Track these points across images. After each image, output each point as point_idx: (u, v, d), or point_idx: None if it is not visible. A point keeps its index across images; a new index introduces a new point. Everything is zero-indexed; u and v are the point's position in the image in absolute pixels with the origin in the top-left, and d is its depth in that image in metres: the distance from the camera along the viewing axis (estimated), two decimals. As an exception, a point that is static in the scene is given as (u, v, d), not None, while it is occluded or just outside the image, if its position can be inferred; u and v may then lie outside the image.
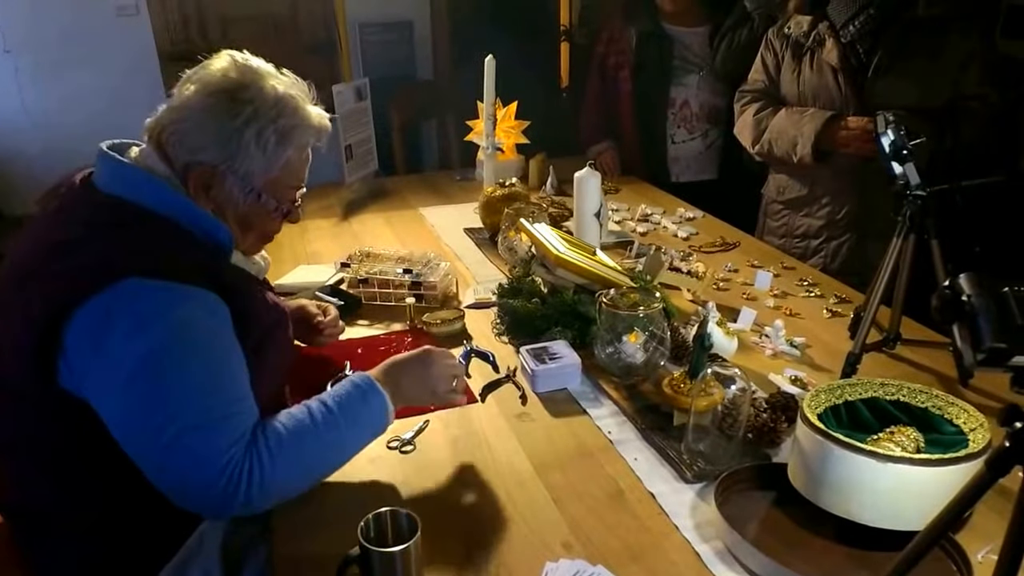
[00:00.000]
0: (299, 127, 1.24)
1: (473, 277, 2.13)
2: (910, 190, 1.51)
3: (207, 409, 1.07)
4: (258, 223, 1.29)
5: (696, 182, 3.06)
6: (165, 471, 1.07)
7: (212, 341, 1.12)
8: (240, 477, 1.06)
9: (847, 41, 2.23)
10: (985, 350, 0.80)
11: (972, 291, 0.83)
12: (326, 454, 1.18)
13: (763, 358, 1.70)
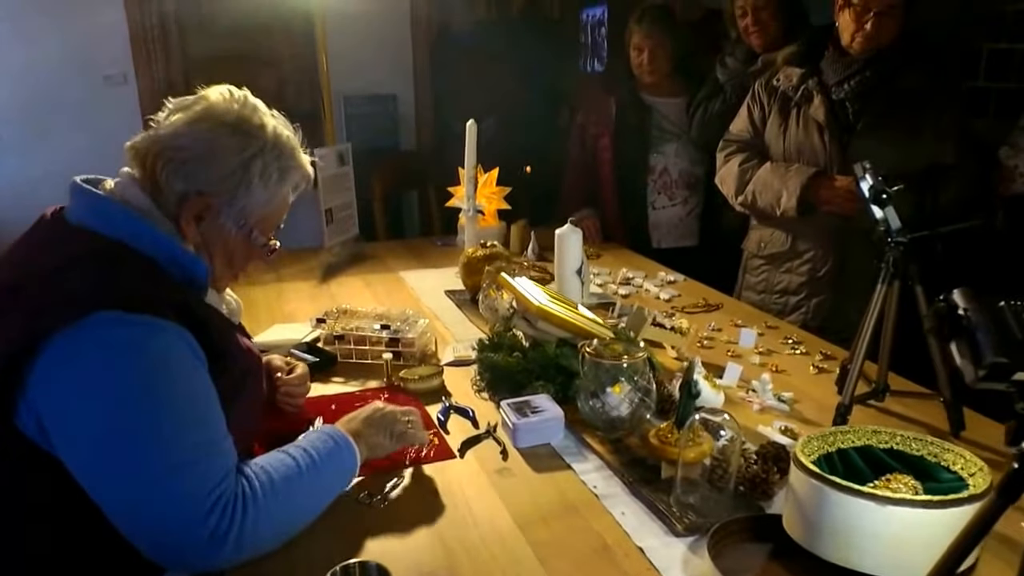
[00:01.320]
0: (295, 167, 1.24)
1: (453, 336, 2.08)
2: (891, 236, 1.49)
3: (191, 446, 1.02)
4: (242, 258, 1.27)
5: (677, 248, 3.06)
6: (142, 517, 1.00)
7: (190, 374, 1.07)
8: (231, 518, 1.01)
9: (837, 99, 2.25)
10: (987, 365, 0.77)
11: (968, 306, 0.81)
12: (311, 499, 1.17)
13: (751, 413, 1.66)
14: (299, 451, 1.18)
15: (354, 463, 1.27)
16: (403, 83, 4.14)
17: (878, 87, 2.21)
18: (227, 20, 3.77)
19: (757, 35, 2.76)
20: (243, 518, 1.03)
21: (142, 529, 1.02)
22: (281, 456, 1.16)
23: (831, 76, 2.28)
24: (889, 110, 2.18)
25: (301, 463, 1.16)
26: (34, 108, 3.70)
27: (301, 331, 1.99)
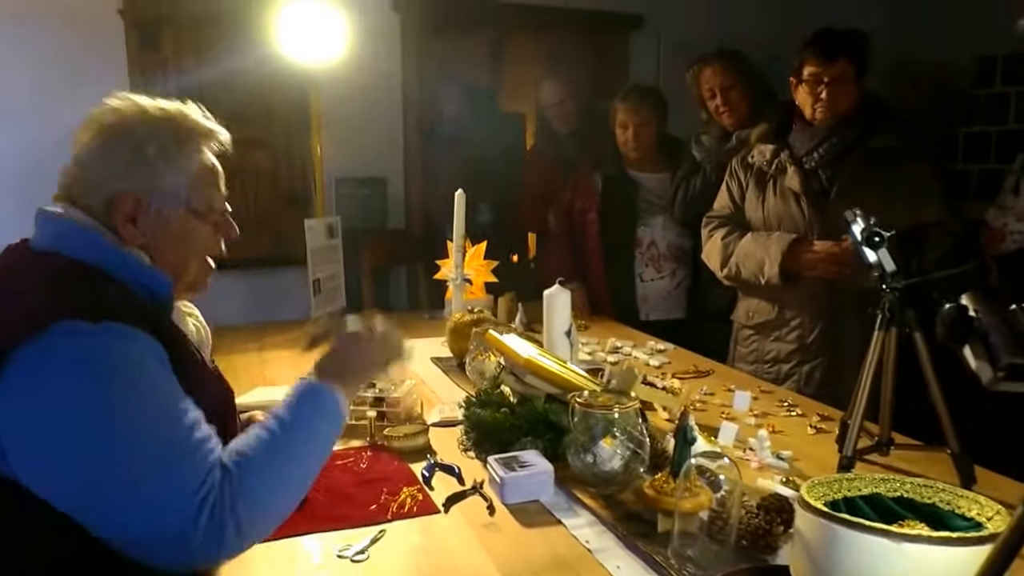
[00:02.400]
0: (195, 130, 1.21)
1: (439, 399, 2.02)
2: (886, 282, 1.47)
3: (170, 442, 0.98)
4: (196, 240, 1.22)
5: (666, 321, 3.03)
6: (131, 525, 0.96)
7: (163, 373, 1.04)
8: (222, 515, 0.97)
9: (809, 168, 2.29)
10: (1005, 366, 0.74)
11: (980, 308, 0.78)
12: (301, 459, 1.11)
13: (749, 471, 1.59)
14: (270, 419, 1.13)
15: (334, 402, 1.18)
16: (394, 167, 4.18)
17: (847, 151, 2.26)
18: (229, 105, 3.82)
19: (728, 114, 2.84)
20: (233, 510, 0.98)
21: (131, 540, 0.97)
22: (254, 432, 1.09)
23: (800, 147, 2.34)
24: (862, 172, 2.21)
25: (276, 430, 1.09)
26: (36, 179, 3.68)
27: (284, 392, 1.92)
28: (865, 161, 2.21)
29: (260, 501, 1.03)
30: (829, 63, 2.22)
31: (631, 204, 3.05)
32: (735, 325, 2.60)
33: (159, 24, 3.56)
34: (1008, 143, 4.20)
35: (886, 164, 2.19)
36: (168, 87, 3.80)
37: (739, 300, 2.58)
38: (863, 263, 1.49)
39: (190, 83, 3.66)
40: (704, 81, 2.86)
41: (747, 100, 2.79)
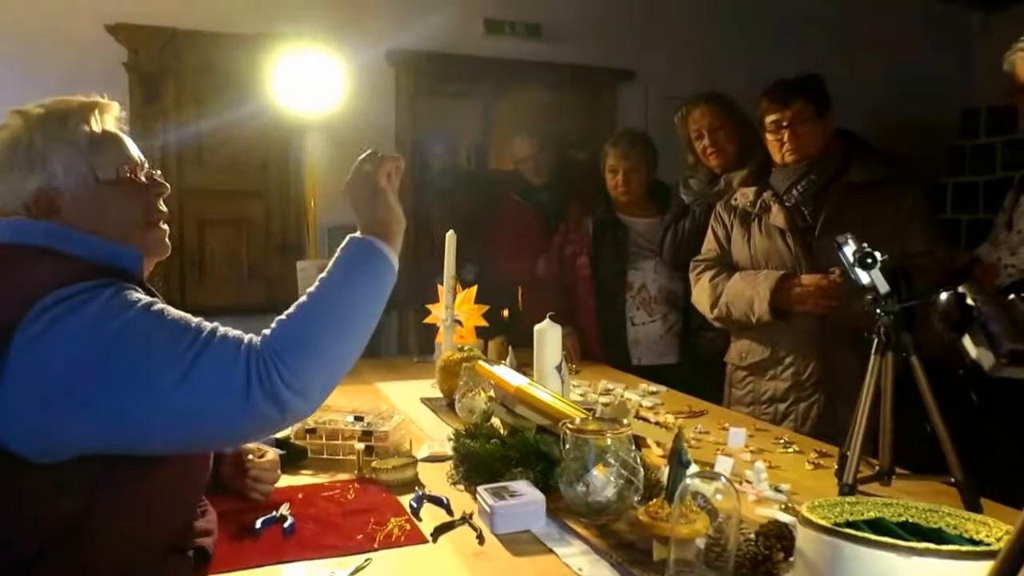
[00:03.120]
0: (70, 107, 1.19)
1: (429, 437, 1.98)
2: (880, 306, 1.45)
3: (199, 332, 1.04)
4: (127, 209, 1.19)
5: (658, 365, 3.00)
6: (190, 430, 1.02)
7: (156, 303, 1.08)
8: (270, 374, 1.02)
9: (791, 205, 2.30)
10: (1007, 353, 0.73)
11: (978, 298, 0.76)
12: (344, 303, 1.14)
13: (747, 503, 1.54)
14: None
15: (367, 243, 1.20)
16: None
17: (828, 186, 2.27)
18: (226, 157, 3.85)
19: (715, 156, 2.86)
20: (280, 363, 1.03)
21: (205, 440, 1.07)
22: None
23: (780, 187, 2.37)
24: (845, 205, 2.22)
25: (314, 287, 1.14)
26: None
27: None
28: (847, 194, 2.23)
29: (306, 349, 1.06)
30: (785, 107, 2.28)
31: (621, 248, 3.05)
32: (729, 367, 2.58)
33: (162, 76, 3.61)
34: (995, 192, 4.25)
35: (868, 196, 2.20)
36: (168, 138, 3.84)
37: (732, 342, 2.56)
38: (856, 287, 1.48)
39: (189, 135, 3.70)
40: (692, 122, 2.89)
41: (734, 141, 2.81)
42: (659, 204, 3.11)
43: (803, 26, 4.37)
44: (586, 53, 4.24)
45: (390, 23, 3.85)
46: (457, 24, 3.92)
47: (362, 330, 1.16)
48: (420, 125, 4.32)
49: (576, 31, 4.23)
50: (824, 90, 2.34)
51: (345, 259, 1.18)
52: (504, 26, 4.07)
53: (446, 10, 3.84)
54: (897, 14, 4.66)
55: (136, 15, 3.49)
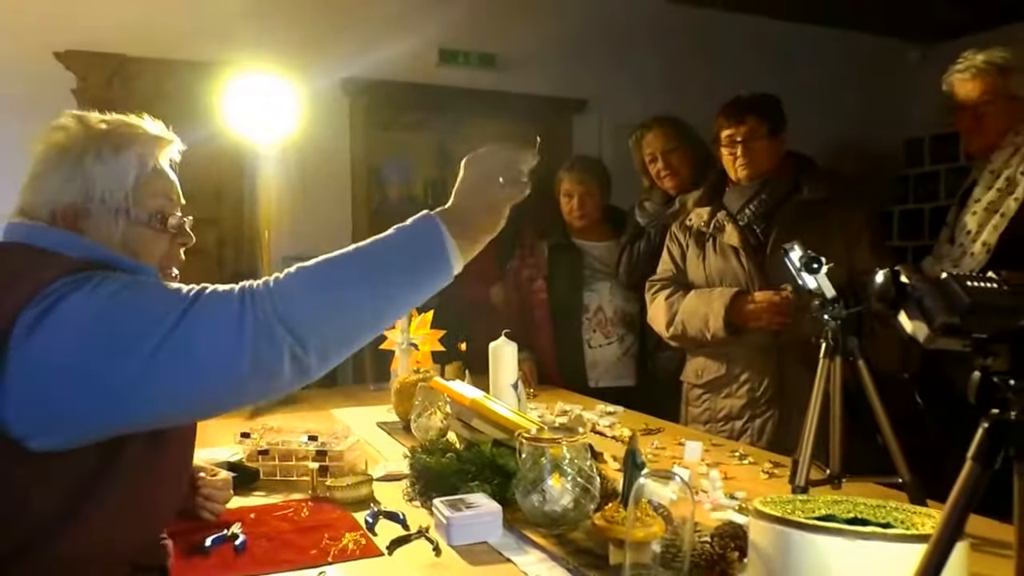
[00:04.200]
0: (134, 136, 1.19)
1: (385, 458, 1.95)
2: (827, 311, 1.49)
3: (189, 290, 0.99)
4: (144, 246, 1.17)
5: (615, 387, 3.01)
6: (187, 381, 0.95)
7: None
8: (265, 310, 0.95)
9: (744, 224, 2.35)
10: (939, 326, 0.75)
11: (912, 278, 0.79)
12: (362, 268, 1.02)
13: (703, 511, 1.55)
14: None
15: (435, 235, 1.04)
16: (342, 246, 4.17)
17: (780, 204, 2.33)
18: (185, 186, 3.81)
19: (669, 178, 2.91)
20: (276, 312, 0.95)
21: (203, 386, 0.96)
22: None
23: (733, 206, 2.42)
24: (795, 223, 2.26)
25: (350, 249, 1.04)
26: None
27: (223, 453, 1.85)
28: (797, 213, 2.28)
29: (306, 288, 0.99)
30: (739, 123, 2.35)
31: (577, 271, 3.07)
32: (685, 386, 2.60)
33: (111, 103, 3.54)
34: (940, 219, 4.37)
35: (817, 214, 2.25)
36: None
37: (687, 360, 2.59)
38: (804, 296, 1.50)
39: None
40: (646, 145, 2.94)
41: (688, 164, 2.87)
42: (614, 228, 3.15)
43: (752, 56, 4.50)
44: (540, 83, 4.31)
45: (344, 52, 3.86)
46: (411, 54, 3.96)
47: (378, 311, 1.04)
48: (376, 154, 4.33)
49: (530, 61, 4.29)
50: (779, 111, 2.41)
51: (401, 233, 1.05)
52: (458, 56, 4.12)
53: (400, 40, 3.87)
54: (842, 48, 4.83)
55: (85, 42, 3.46)
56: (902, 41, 5.02)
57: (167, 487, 1.19)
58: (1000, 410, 0.76)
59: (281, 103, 3.25)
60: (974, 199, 2.19)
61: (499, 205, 1.11)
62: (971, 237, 2.14)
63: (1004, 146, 2.16)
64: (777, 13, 4.60)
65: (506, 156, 1.12)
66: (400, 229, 1.05)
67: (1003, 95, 2.15)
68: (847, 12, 4.55)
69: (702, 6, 4.52)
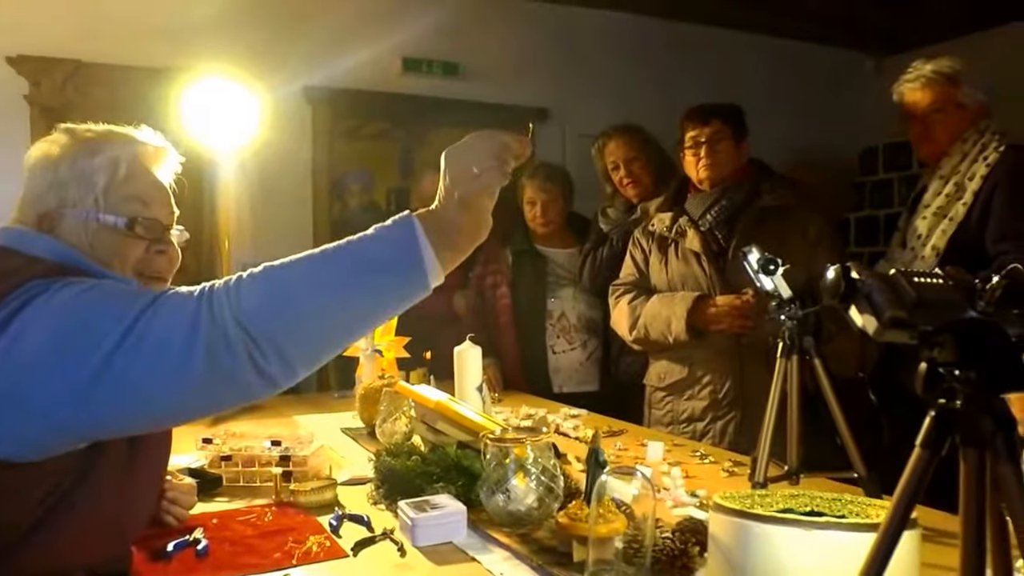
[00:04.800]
0: (112, 140, 1.19)
1: (350, 462, 1.95)
2: (784, 311, 1.52)
3: (144, 291, 0.99)
4: (114, 251, 1.16)
5: (579, 392, 3.04)
6: (145, 375, 0.91)
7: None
8: (220, 306, 0.91)
9: (705, 229, 2.39)
10: (887, 319, 0.78)
11: (863, 274, 0.82)
12: (325, 269, 0.96)
13: (665, 509, 1.57)
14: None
15: (408, 230, 0.96)
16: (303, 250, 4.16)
17: (740, 210, 2.38)
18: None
19: (632, 186, 2.96)
20: (235, 297, 0.92)
21: (161, 393, 0.93)
22: None
23: (695, 211, 2.46)
24: (756, 229, 2.31)
25: (317, 252, 0.98)
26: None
27: (185, 459, 1.83)
28: (757, 219, 2.33)
29: (259, 288, 0.94)
30: (704, 125, 2.41)
31: (541, 278, 3.10)
32: (648, 389, 2.63)
33: (65, 110, 3.51)
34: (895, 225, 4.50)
35: (777, 220, 2.30)
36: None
37: (650, 364, 2.62)
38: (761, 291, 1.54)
39: (94, 170, 3.60)
40: (609, 154, 2.98)
41: (650, 172, 2.92)
42: (577, 235, 3.18)
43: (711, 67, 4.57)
44: (503, 92, 4.33)
45: (306, 60, 3.85)
46: (375, 62, 3.96)
47: (343, 321, 0.98)
48: (338, 162, 4.31)
49: (493, 71, 4.32)
50: (742, 118, 2.47)
51: (376, 246, 0.97)
52: (422, 64, 4.13)
53: (364, 48, 3.87)
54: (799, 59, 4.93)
55: (39, 47, 3.40)
56: (857, 53, 5.14)
57: (139, 504, 1.19)
58: (946, 399, 0.79)
59: (241, 110, 3.23)
60: (924, 204, 2.26)
61: (478, 202, 1.00)
62: (921, 241, 2.21)
63: (952, 153, 2.23)
64: (736, 25, 4.68)
65: (489, 146, 1.01)
66: (377, 229, 0.98)
67: (951, 103, 2.23)
68: (804, 24, 4.65)
69: (661, 19, 4.58)
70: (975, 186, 2.16)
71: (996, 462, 0.77)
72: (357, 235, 0.98)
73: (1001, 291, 0.81)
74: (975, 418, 0.77)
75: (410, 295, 0.99)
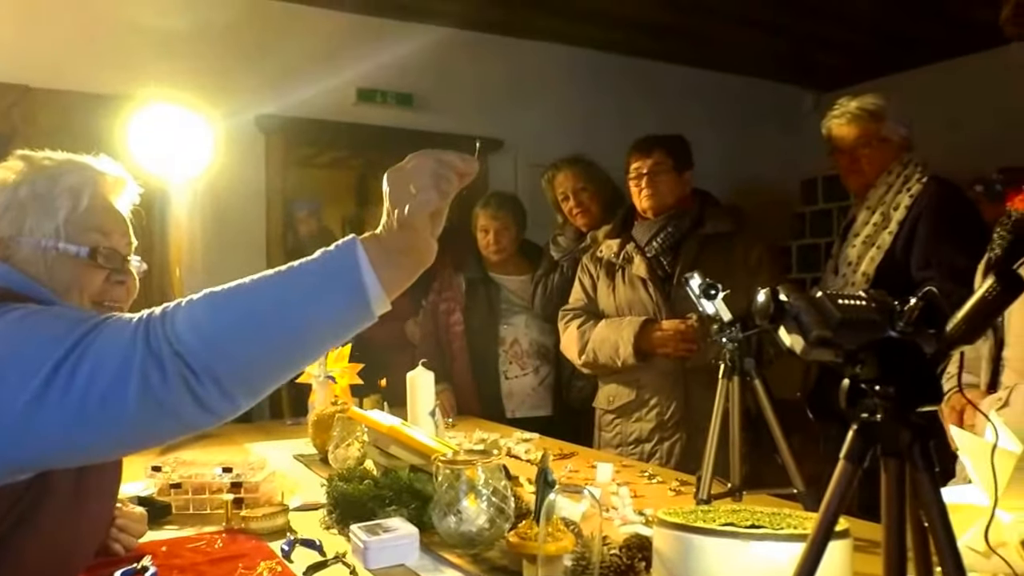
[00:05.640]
0: (71, 170, 1.19)
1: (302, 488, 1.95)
2: (725, 334, 1.58)
3: (85, 318, 0.93)
4: (73, 279, 1.16)
5: (532, 417, 3.08)
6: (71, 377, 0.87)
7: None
8: (156, 334, 0.88)
9: (652, 256, 2.47)
10: (814, 339, 0.83)
11: (790, 295, 0.87)
12: (272, 293, 0.92)
13: (612, 526, 1.61)
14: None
15: (349, 252, 0.93)
16: (255, 280, 4.14)
17: (684, 238, 2.47)
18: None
19: (581, 216, 3.04)
20: (170, 324, 0.88)
21: (98, 421, 0.88)
22: None
23: (641, 239, 2.55)
24: (700, 256, 2.40)
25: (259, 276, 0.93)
26: None
27: (135, 487, 1.81)
28: (702, 246, 2.42)
29: (202, 328, 0.88)
30: (646, 155, 2.51)
31: (494, 305, 3.15)
32: (597, 412, 2.69)
33: (12, 136, 3.46)
34: (832, 252, 4.66)
35: (720, 247, 2.39)
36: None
37: (599, 387, 2.68)
38: (703, 315, 1.60)
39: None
40: (558, 185, 3.06)
41: (598, 201, 3.00)
42: (530, 262, 3.24)
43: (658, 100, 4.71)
44: (457, 122, 4.38)
45: (259, 88, 3.86)
46: (328, 92, 3.98)
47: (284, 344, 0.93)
48: (292, 191, 4.31)
49: (447, 101, 4.38)
50: (685, 149, 2.57)
51: (321, 259, 0.94)
52: (376, 95, 4.17)
53: (317, 78, 3.89)
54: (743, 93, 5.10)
55: (-16, 72, 3.37)
56: (798, 88, 5.33)
57: (87, 534, 1.19)
58: (868, 413, 0.85)
59: (193, 138, 3.23)
60: (854, 233, 2.37)
61: (417, 222, 0.95)
62: (852, 268, 2.32)
63: (878, 185, 2.36)
64: (682, 60, 4.83)
65: (427, 165, 0.97)
66: (320, 253, 0.94)
67: (876, 138, 2.36)
68: (747, 60, 4.83)
69: (611, 53, 4.71)
70: (900, 216, 2.29)
71: (914, 471, 0.83)
72: (300, 260, 0.95)
73: (918, 312, 0.87)
74: (894, 430, 0.83)
75: (353, 321, 0.95)
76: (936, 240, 2.23)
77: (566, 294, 2.84)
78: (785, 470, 1.60)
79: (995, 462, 1.02)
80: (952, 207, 2.31)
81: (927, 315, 0.87)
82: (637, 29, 4.39)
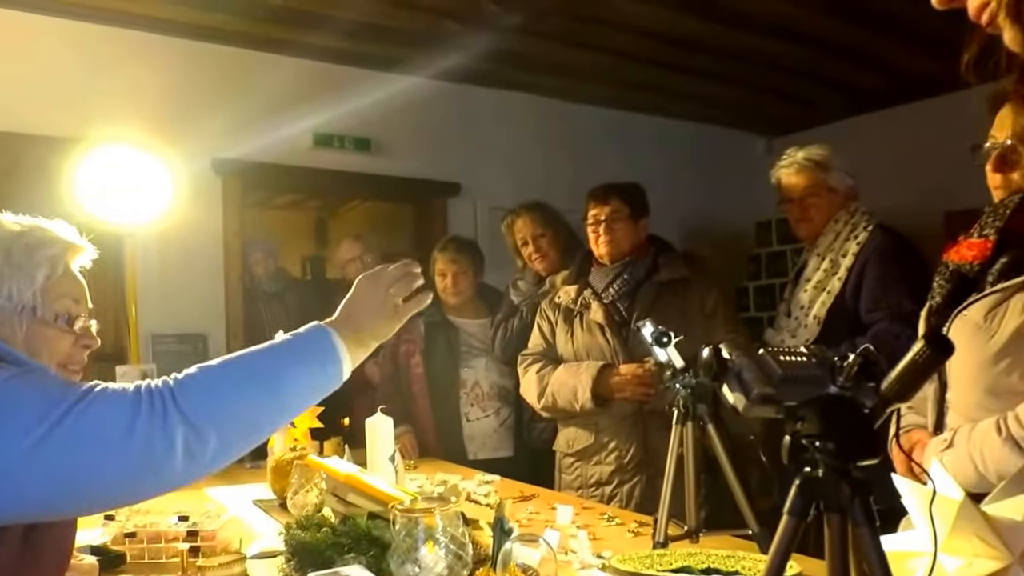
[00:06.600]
0: (47, 240, 1.24)
1: (260, 535, 1.94)
2: (679, 380, 1.63)
3: (75, 383, 1.04)
4: (46, 344, 1.20)
5: (492, 459, 3.09)
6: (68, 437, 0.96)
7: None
8: (162, 396, 1.01)
9: (608, 302, 2.52)
10: (756, 396, 0.87)
11: (733, 352, 0.91)
12: (260, 372, 1.13)
13: (571, 570, 1.63)
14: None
15: (325, 338, 1.20)
16: (215, 323, 4.10)
17: (640, 284, 2.53)
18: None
19: (540, 260, 3.10)
20: (170, 392, 1.02)
21: (91, 476, 0.98)
22: None
23: (599, 285, 2.61)
24: (656, 301, 2.47)
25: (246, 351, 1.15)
26: None
27: (88, 536, 1.79)
28: (657, 292, 2.48)
29: (203, 387, 1.05)
30: (603, 203, 2.58)
31: (453, 348, 3.17)
32: (558, 455, 2.71)
33: (-41, 177, 3.42)
34: (785, 293, 4.78)
35: (675, 293, 2.46)
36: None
37: (559, 430, 2.71)
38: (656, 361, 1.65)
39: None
40: (517, 231, 3.12)
41: (556, 246, 3.06)
42: (488, 306, 3.28)
43: (614, 146, 4.81)
44: (415, 167, 4.42)
45: (215, 132, 3.84)
46: (285, 136, 3.97)
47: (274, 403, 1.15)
48: (251, 232, 4.31)
49: (405, 146, 4.40)
50: (641, 197, 2.64)
51: (300, 342, 1.20)
52: (333, 139, 4.18)
53: (274, 122, 3.89)
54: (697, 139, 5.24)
55: (-69, 114, 3.32)
56: (751, 134, 5.50)
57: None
58: (810, 468, 0.88)
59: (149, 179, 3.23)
60: (805, 278, 2.46)
61: (388, 316, 1.31)
62: (804, 311, 2.40)
63: (827, 232, 2.46)
64: (637, 107, 4.95)
65: (391, 275, 1.32)
66: (293, 335, 1.20)
67: (824, 188, 2.47)
68: (701, 107, 4.97)
69: (566, 101, 4.81)
70: (848, 263, 2.39)
71: (855, 526, 0.85)
72: (277, 339, 1.20)
73: (857, 368, 0.91)
74: (835, 485, 0.85)
75: (329, 382, 1.23)
76: (883, 285, 2.32)
77: (526, 338, 2.87)
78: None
79: (935, 510, 1.06)
80: (897, 253, 2.41)
81: (865, 369, 0.91)
82: (595, 79, 4.50)
